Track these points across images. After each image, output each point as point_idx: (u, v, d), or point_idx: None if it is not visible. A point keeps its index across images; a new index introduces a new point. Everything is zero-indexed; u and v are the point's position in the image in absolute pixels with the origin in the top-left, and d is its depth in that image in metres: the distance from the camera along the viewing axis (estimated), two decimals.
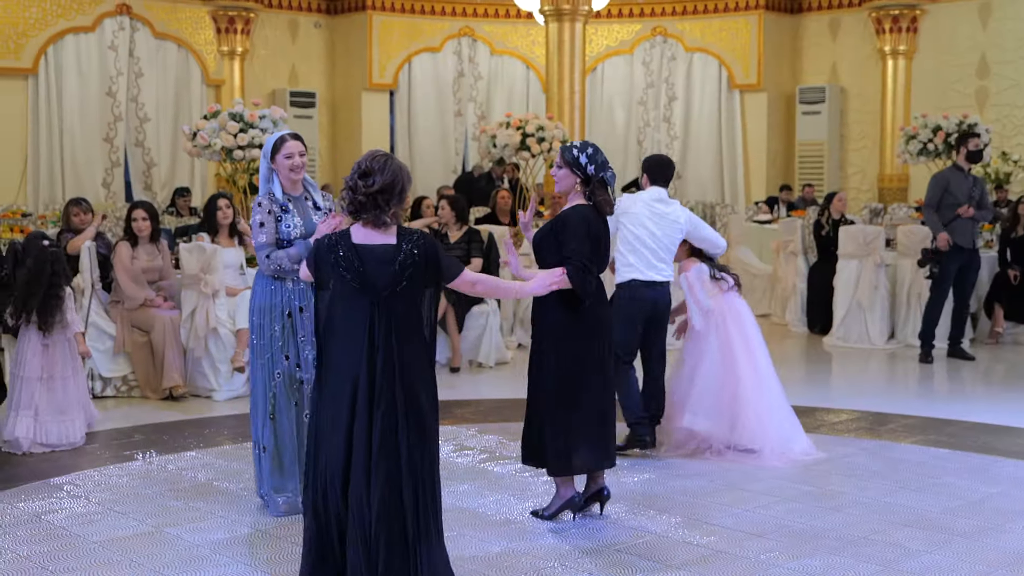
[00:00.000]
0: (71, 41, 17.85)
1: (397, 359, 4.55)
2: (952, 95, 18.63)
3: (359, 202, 4.60)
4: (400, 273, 4.56)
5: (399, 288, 4.56)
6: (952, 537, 5.73)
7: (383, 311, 4.55)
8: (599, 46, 21.19)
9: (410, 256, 4.58)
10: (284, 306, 6.03)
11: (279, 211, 6.04)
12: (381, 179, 4.59)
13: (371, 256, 4.57)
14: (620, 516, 6.08)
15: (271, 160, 6.09)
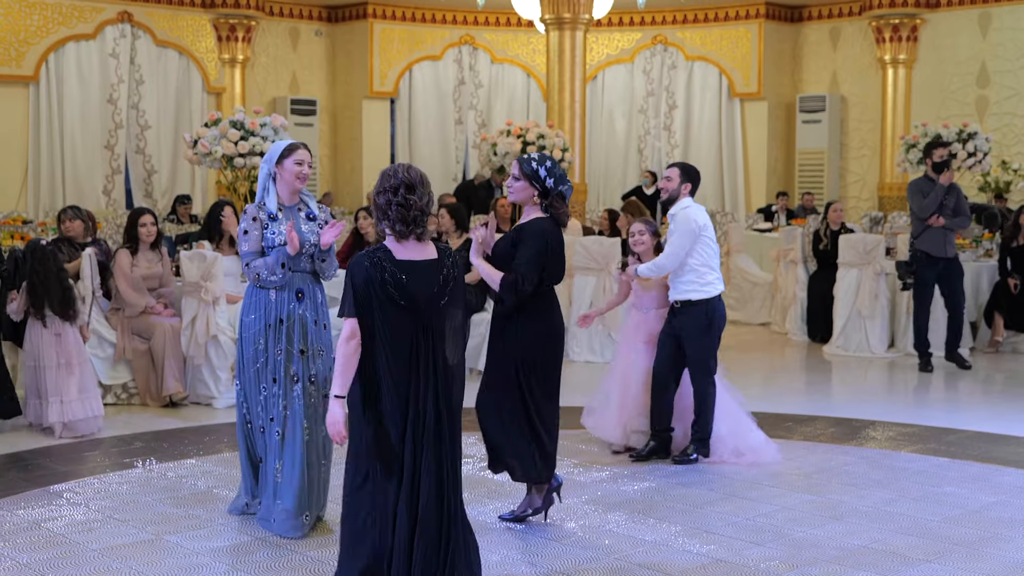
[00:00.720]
0: (72, 49, 17.88)
1: (443, 380, 4.54)
2: (952, 104, 18.66)
3: (413, 218, 4.52)
4: (443, 287, 4.52)
5: (442, 303, 4.52)
6: (952, 546, 5.72)
7: (427, 329, 4.50)
8: (600, 54, 21.22)
9: (453, 269, 4.57)
10: (267, 318, 5.92)
11: (266, 219, 5.95)
12: (425, 191, 4.57)
13: (414, 270, 4.50)
14: (620, 524, 6.08)
15: (277, 164, 6.00)
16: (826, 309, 12.44)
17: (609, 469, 7.22)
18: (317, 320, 6.01)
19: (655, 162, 21.28)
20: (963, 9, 18.63)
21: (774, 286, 14.02)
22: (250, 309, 5.97)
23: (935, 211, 10.63)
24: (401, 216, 4.50)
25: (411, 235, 4.52)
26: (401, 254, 4.50)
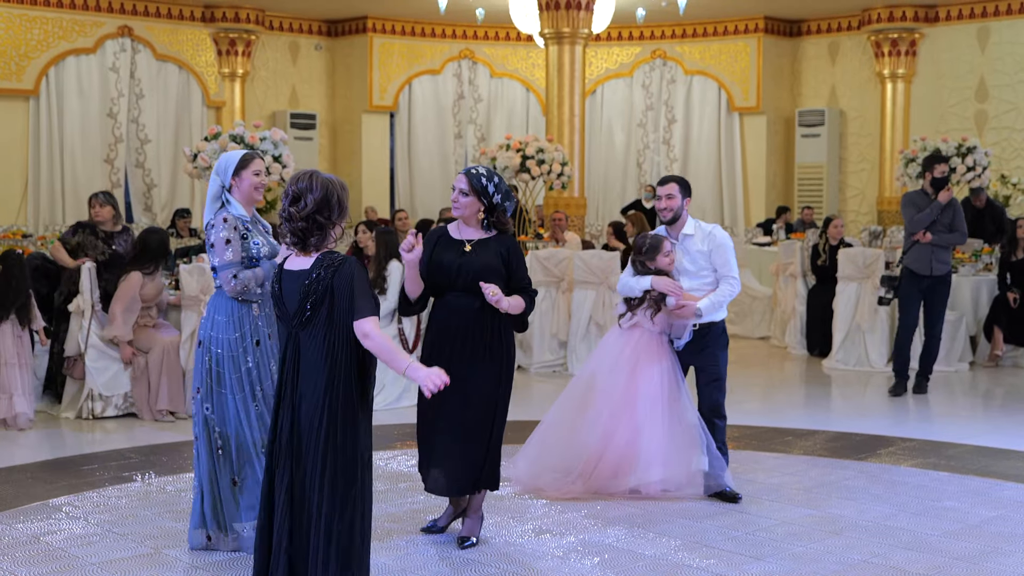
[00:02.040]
0: (72, 63, 17.91)
1: (300, 399, 4.35)
2: (951, 118, 18.69)
3: (300, 229, 4.36)
4: (303, 300, 4.32)
5: (304, 318, 4.33)
6: (952, 561, 5.72)
7: (294, 342, 4.37)
8: (599, 69, 21.26)
9: (317, 283, 4.31)
10: (253, 335, 5.73)
11: (244, 229, 5.74)
12: (313, 197, 4.35)
13: (289, 280, 4.40)
14: (620, 539, 6.07)
15: (234, 175, 5.75)
16: (825, 323, 12.45)
17: None
18: (271, 334, 5.85)
19: (654, 176, 21.29)
20: (962, 23, 18.67)
21: (773, 300, 14.03)
22: (232, 327, 5.70)
23: (926, 227, 10.15)
24: (291, 231, 4.39)
25: (299, 247, 4.38)
26: (289, 262, 4.45)
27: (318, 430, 4.32)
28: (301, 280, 4.32)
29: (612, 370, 6.87)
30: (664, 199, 7.00)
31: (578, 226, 16.26)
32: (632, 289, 6.89)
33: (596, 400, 6.85)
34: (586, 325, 11.50)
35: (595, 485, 6.78)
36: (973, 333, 12.42)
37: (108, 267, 9.42)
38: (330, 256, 4.35)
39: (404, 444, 8.37)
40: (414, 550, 5.88)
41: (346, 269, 4.29)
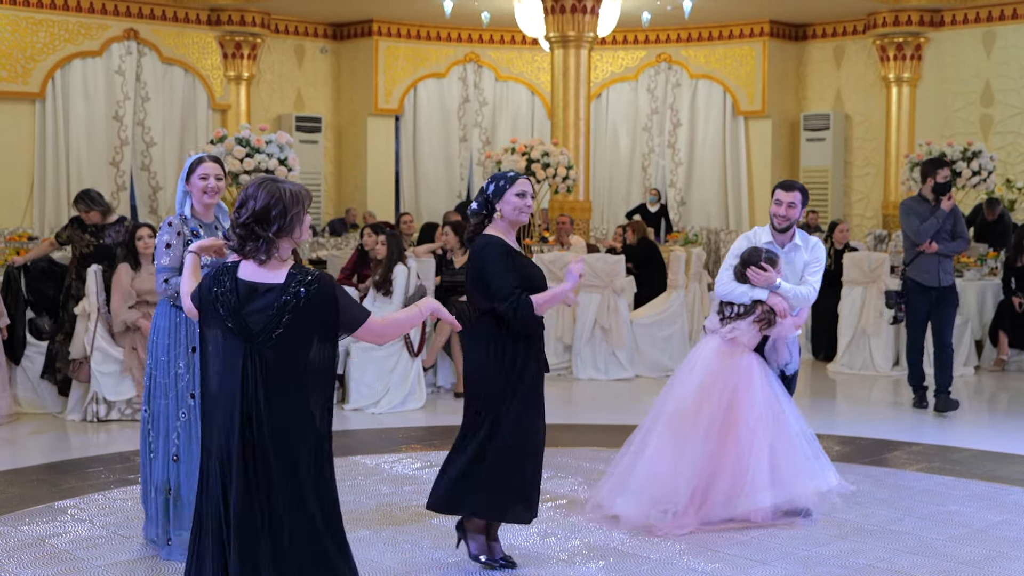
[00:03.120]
0: (78, 65, 17.93)
1: (268, 421, 4.00)
2: (956, 122, 18.68)
3: (238, 235, 4.06)
4: (278, 317, 3.99)
5: (275, 335, 3.99)
6: (957, 565, 5.71)
7: (256, 361, 4.00)
8: (604, 72, 21.26)
9: (296, 300, 3.99)
10: (188, 340, 5.70)
11: (189, 234, 5.72)
12: (254, 204, 4.04)
13: (251, 294, 4.03)
14: (624, 543, 6.07)
15: (187, 180, 5.80)
16: (830, 327, 12.44)
17: None
18: None
19: (659, 180, 21.30)
20: (967, 28, 18.67)
21: None
22: (168, 332, 5.73)
23: (931, 237, 9.65)
24: (237, 236, 4.09)
25: (239, 252, 4.08)
26: (245, 273, 4.08)
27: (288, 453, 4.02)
28: (275, 296, 3.99)
29: (712, 391, 6.44)
30: (785, 206, 6.74)
31: (583, 230, 16.26)
32: (739, 296, 6.54)
33: (700, 424, 6.38)
34: (591, 329, 11.51)
35: (706, 515, 6.30)
36: (978, 338, 12.41)
37: (94, 258, 9.48)
38: (304, 271, 4.06)
39: (409, 447, 8.38)
40: (419, 553, 5.89)
41: (328, 286, 4.02)
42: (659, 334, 11.89)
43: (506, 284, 5.41)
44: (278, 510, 4.00)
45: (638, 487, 6.36)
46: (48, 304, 9.95)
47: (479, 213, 5.61)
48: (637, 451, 6.49)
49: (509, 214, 5.57)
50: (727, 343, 6.52)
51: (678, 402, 6.51)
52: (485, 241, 5.55)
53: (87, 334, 9.22)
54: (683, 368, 6.73)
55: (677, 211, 20.93)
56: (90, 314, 9.25)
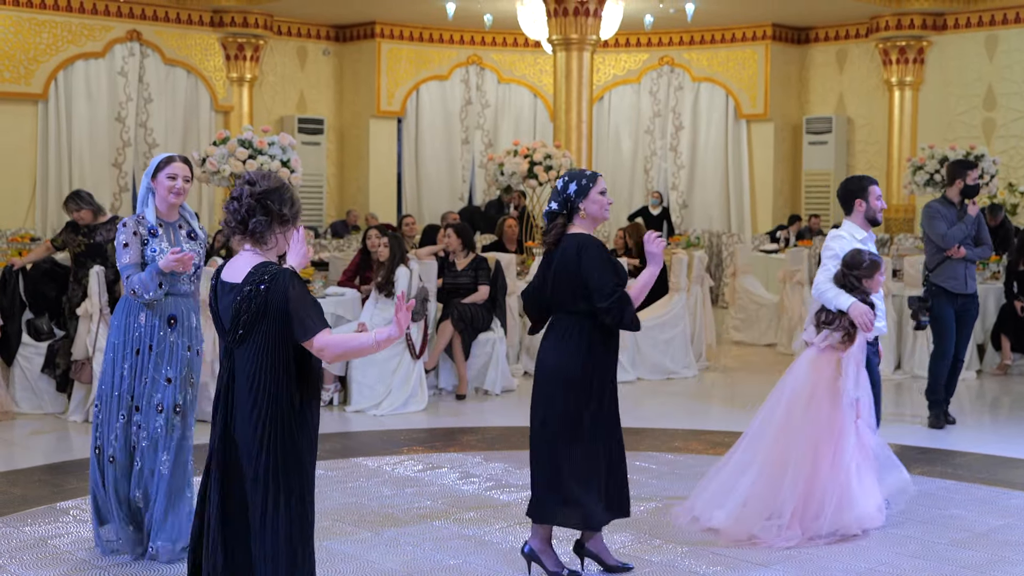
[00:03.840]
0: (81, 67, 17.94)
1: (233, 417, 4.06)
2: (959, 126, 18.67)
3: (248, 206, 4.05)
4: (236, 316, 3.99)
5: (237, 335, 4.00)
6: (959, 569, 5.71)
7: (229, 357, 4.06)
8: (606, 75, 21.26)
9: (249, 297, 3.97)
10: (134, 343, 5.72)
11: (146, 234, 5.73)
12: (267, 183, 4.09)
13: (223, 293, 4.08)
14: (626, 545, 6.07)
15: (152, 177, 5.77)
16: None
17: None
18: (190, 347, 5.80)
19: (661, 183, 21.30)
20: (970, 31, 18.66)
21: (780, 307, 14.02)
22: (117, 332, 5.76)
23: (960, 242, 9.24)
24: (234, 211, 4.11)
25: (240, 233, 4.13)
26: (225, 272, 4.16)
27: (255, 452, 4.03)
28: (234, 295, 4.01)
29: (811, 403, 6.25)
30: (882, 199, 6.76)
31: None
32: (831, 301, 6.38)
33: (802, 437, 6.21)
34: None
35: (812, 528, 6.13)
36: (980, 342, 12.40)
37: (87, 257, 9.46)
38: (263, 268, 4.00)
39: (411, 449, 8.38)
40: (421, 555, 5.89)
41: (280, 283, 3.94)
42: (661, 337, 11.88)
43: (609, 281, 5.34)
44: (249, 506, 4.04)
45: (739, 500, 6.22)
46: (49, 305, 9.95)
47: (559, 213, 5.52)
48: (738, 464, 6.34)
49: (596, 212, 5.51)
50: (822, 352, 6.35)
51: (778, 415, 6.34)
52: (583, 240, 5.44)
53: (89, 335, 9.23)
54: (784, 381, 6.47)
55: (679, 214, 20.93)
56: (92, 315, 9.25)
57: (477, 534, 6.24)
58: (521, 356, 11.85)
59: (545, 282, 5.53)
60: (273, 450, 4.01)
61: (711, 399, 11.29)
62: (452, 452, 8.29)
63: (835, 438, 6.19)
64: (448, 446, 8.55)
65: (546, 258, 5.56)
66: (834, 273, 6.48)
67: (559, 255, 5.45)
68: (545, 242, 5.54)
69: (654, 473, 7.68)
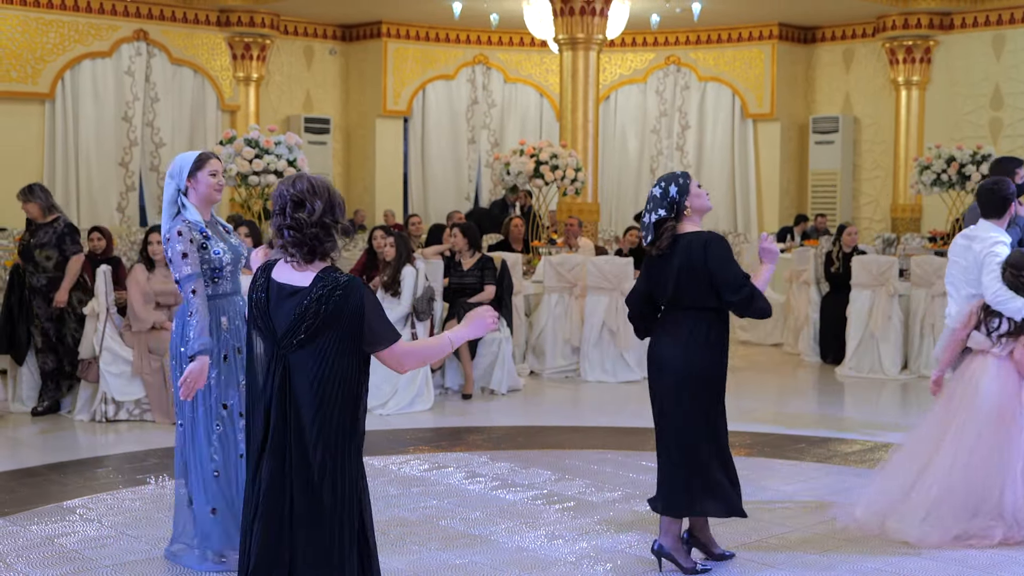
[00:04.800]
0: (88, 66, 17.97)
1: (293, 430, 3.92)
2: (965, 126, 18.65)
3: (312, 236, 3.88)
4: (298, 322, 3.86)
5: (296, 340, 3.87)
6: (965, 569, 5.70)
7: (281, 365, 3.91)
8: (613, 74, 21.26)
9: (320, 302, 3.84)
10: (220, 348, 5.52)
11: (201, 238, 5.45)
12: (321, 202, 3.90)
13: (280, 296, 3.92)
14: (632, 545, 6.07)
15: (190, 178, 5.50)
16: (838, 330, 12.41)
17: (621, 490, 7.20)
18: (240, 348, 5.60)
19: None
20: (977, 31, 18.64)
21: (787, 307, 14.01)
22: (183, 341, 5.46)
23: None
24: (295, 240, 3.89)
25: (307, 258, 3.91)
26: (279, 274, 3.97)
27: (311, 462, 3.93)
28: (299, 299, 3.86)
29: (998, 410, 6.12)
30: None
31: (591, 232, 16.26)
32: (1014, 311, 6.17)
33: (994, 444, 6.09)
34: (599, 331, 11.50)
35: (1014, 533, 6.02)
36: None
37: (24, 259, 9.52)
38: (333, 275, 3.88)
39: (417, 449, 8.39)
40: (427, 555, 5.89)
41: (356, 292, 3.84)
42: None
43: (739, 274, 5.49)
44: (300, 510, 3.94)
45: (937, 511, 6.09)
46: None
47: (668, 218, 5.59)
48: (930, 473, 6.18)
49: (700, 205, 5.66)
50: (1005, 361, 6.18)
51: (964, 422, 6.15)
52: (707, 237, 5.56)
53: (96, 334, 9.24)
54: (959, 387, 6.29)
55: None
56: (99, 314, 9.27)
57: (483, 534, 6.24)
58: (527, 356, 11.86)
59: (660, 284, 5.61)
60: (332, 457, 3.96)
61: None
62: (458, 452, 8.30)
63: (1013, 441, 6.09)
64: (454, 446, 8.56)
65: (658, 261, 5.61)
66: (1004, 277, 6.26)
67: (681, 254, 5.52)
68: (658, 246, 5.57)
69: None
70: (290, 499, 3.94)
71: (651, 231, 5.59)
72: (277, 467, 3.94)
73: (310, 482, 3.92)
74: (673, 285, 5.54)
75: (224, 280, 5.56)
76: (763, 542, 6.14)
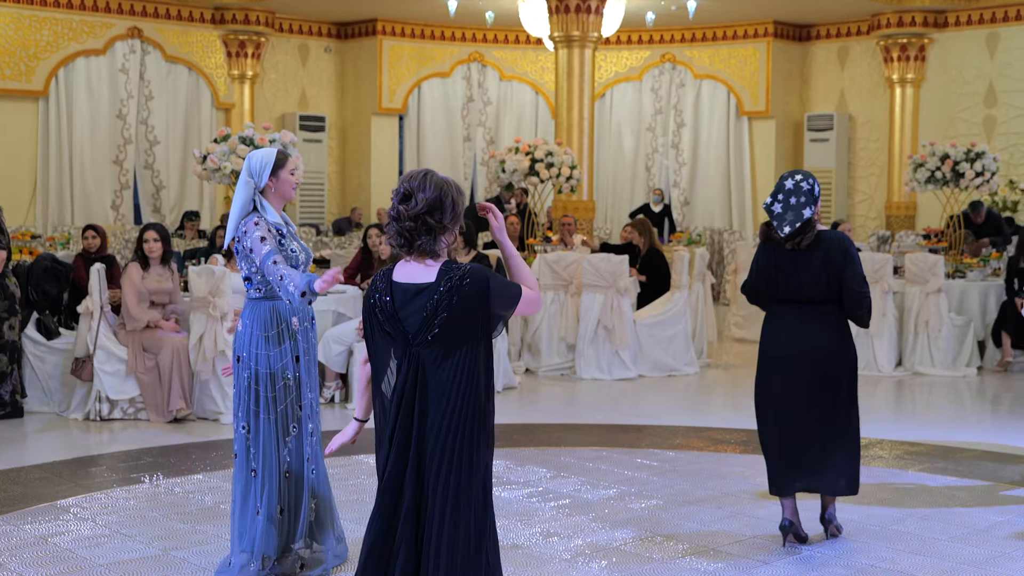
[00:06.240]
0: (82, 64, 17.96)
1: (425, 428, 3.94)
2: (960, 123, 18.67)
3: (408, 228, 3.95)
4: (431, 318, 3.89)
5: (431, 336, 3.90)
6: (959, 565, 5.71)
7: (415, 364, 3.92)
8: (608, 72, 21.26)
9: (449, 296, 3.89)
10: (292, 350, 5.38)
11: (276, 232, 5.30)
12: (424, 196, 3.96)
13: (404, 294, 3.94)
14: (627, 542, 6.07)
15: (272, 176, 5.33)
16: None
17: (617, 487, 7.21)
18: (308, 350, 5.50)
19: (663, 180, 21.30)
20: (971, 29, 18.66)
21: None
22: (271, 341, 5.34)
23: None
24: (396, 231, 3.98)
25: (406, 249, 3.98)
26: (399, 275, 3.99)
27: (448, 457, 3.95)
28: (428, 296, 3.90)
29: None
30: None
31: (587, 230, 16.27)
32: None
33: None
34: (594, 328, 11.50)
35: None
36: (981, 338, 12.40)
37: None
38: (455, 266, 3.95)
39: None
40: None
41: (480, 277, 3.91)
42: (662, 334, 11.88)
43: (862, 274, 5.95)
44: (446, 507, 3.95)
45: None
46: (52, 303, 9.96)
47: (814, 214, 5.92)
48: None
49: (818, 209, 6.01)
50: None
51: None
52: (844, 236, 5.99)
53: (90, 332, 9.23)
54: None
55: (680, 211, 20.93)
56: (93, 312, 9.26)
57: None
58: (523, 353, 11.85)
59: (793, 276, 5.97)
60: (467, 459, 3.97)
61: (712, 396, 11.28)
62: None
63: None
64: None
65: (792, 254, 5.97)
66: None
67: (825, 250, 5.90)
68: (801, 243, 5.91)
69: (656, 470, 7.69)
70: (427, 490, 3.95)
71: (794, 225, 5.86)
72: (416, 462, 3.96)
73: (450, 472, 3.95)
74: (813, 279, 5.91)
75: None
76: (758, 538, 6.15)
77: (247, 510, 5.37)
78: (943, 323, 11.89)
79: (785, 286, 6.02)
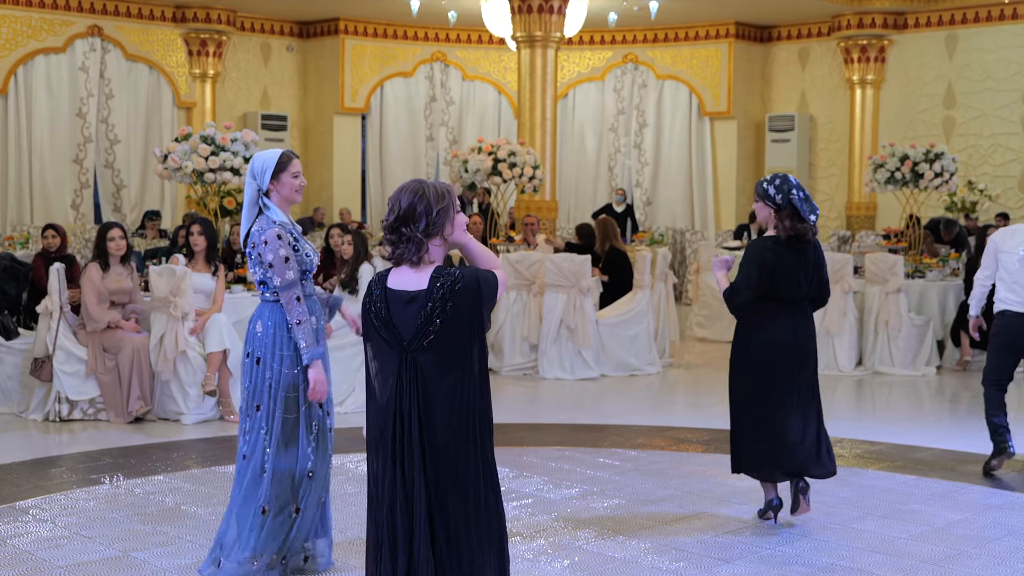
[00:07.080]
0: (41, 62, 17.80)
1: (427, 433, 3.95)
2: (919, 124, 18.83)
3: (390, 240, 4.00)
4: (426, 324, 3.92)
5: (426, 342, 3.93)
6: (918, 563, 5.76)
7: (412, 370, 3.96)
8: (571, 72, 21.30)
9: (442, 301, 3.92)
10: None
11: (293, 239, 5.32)
12: (398, 208, 3.98)
13: (397, 301, 3.97)
14: (589, 541, 6.09)
15: (273, 179, 5.33)
16: None
17: (579, 487, 7.22)
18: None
19: (625, 180, 21.36)
20: (930, 31, 18.82)
21: None
22: (291, 343, 5.35)
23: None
24: (385, 242, 4.05)
25: (399, 261, 4.02)
26: (392, 281, 4.01)
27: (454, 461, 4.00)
28: (421, 303, 3.92)
29: None
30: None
31: (549, 230, 16.29)
32: None
33: None
34: (557, 328, 11.52)
35: None
36: (940, 337, 12.52)
37: None
38: (446, 271, 3.97)
39: None
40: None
41: (469, 280, 3.93)
42: (625, 334, 11.92)
43: None
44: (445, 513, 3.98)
45: None
46: (11, 303, 9.87)
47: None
48: None
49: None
50: None
51: None
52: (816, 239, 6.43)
53: (49, 333, 9.15)
54: None
55: (643, 211, 21.00)
56: (52, 312, 9.18)
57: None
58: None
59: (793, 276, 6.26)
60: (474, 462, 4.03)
61: (675, 396, 11.33)
62: None
63: None
64: None
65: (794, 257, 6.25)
66: None
67: (816, 251, 6.34)
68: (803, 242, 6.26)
69: (618, 470, 7.71)
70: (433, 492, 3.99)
71: (817, 212, 6.24)
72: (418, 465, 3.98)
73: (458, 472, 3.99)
74: (808, 278, 6.29)
75: (308, 282, 5.45)
76: (719, 537, 6.18)
77: (249, 510, 5.34)
78: (903, 323, 12.00)
79: (785, 284, 6.24)
